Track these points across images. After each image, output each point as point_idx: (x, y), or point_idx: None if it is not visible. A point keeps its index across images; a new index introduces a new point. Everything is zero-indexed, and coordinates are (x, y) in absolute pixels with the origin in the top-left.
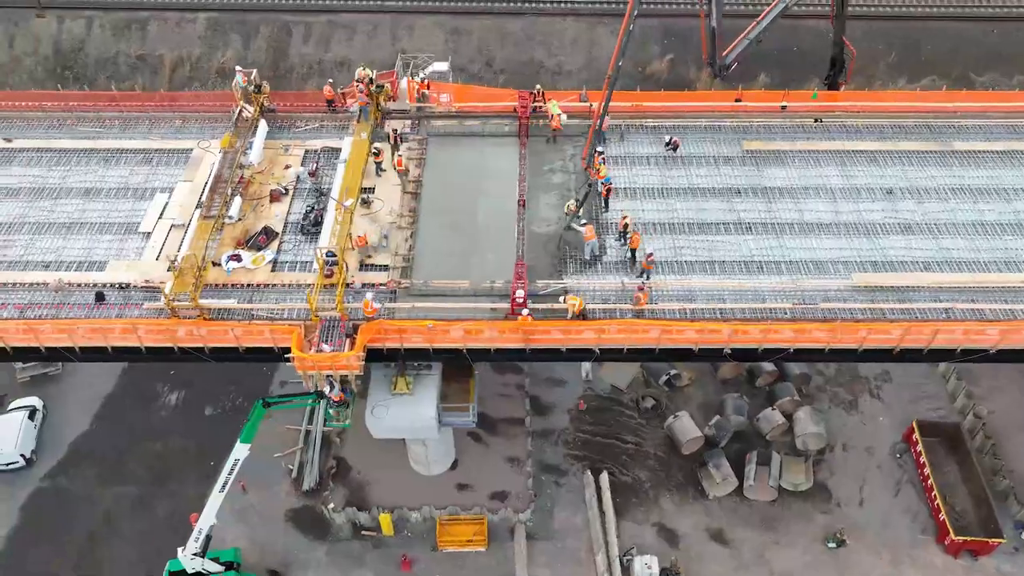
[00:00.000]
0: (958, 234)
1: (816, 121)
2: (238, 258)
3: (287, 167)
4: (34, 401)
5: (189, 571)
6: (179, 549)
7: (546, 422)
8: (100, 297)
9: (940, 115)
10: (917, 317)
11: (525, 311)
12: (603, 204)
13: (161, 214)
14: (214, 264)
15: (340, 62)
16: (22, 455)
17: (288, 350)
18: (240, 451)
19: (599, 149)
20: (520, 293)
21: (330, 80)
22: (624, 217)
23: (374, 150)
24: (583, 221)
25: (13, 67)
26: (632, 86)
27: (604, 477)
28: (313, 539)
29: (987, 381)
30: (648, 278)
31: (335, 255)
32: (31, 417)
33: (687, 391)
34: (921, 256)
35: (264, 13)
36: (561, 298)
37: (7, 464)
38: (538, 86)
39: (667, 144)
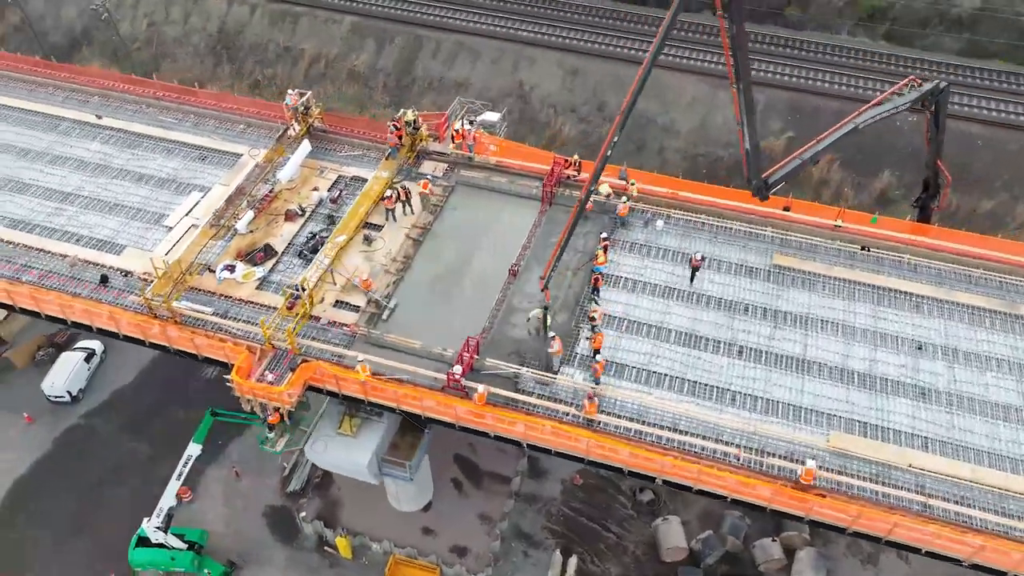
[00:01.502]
0: (981, 415)
1: (863, 249)
2: (232, 269)
3: (315, 189)
4: (96, 345)
5: (153, 541)
6: (144, 519)
7: (537, 486)
8: (104, 280)
9: (1021, 270)
10: (888, 502)
11: (480, 388)
12: (591, 291)
13: (188, 212)
14: (210, 270)
15: (459, 83)
16: (68, 392)
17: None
18: (193, 449)
19: (603, 235)
20: (457, 369)
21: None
22: (594, 309)
23: (385, 194)
24: (552, 335)
25: (183, 40)
26: (737, 155)
27: (572, 561)
28: (279, 540)
29: None
30: (597, 383)
31: (304, 290)
32: (88, 360)
33: (692, 495)
34: (925, 431)
35: (402, 24)
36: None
37: (55, 397)
38: (576, 156)
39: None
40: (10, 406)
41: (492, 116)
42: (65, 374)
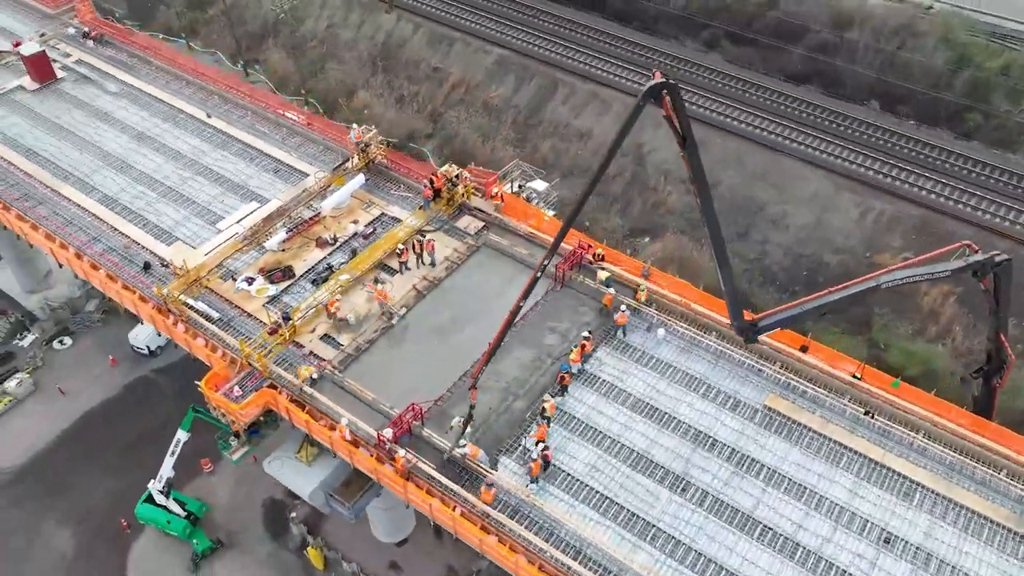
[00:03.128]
0: None
1: (867, 414)
2: (251, 281)
3: (354, 222)
4: None
5: (157, 501)
6: (151, 481)
7: None
8: (147, 266)
9: None
10: None
11: (400, 452)
12: (558, 390)
13: (239, 220)
14: (233, 279)
15: (582, 133)
16: (147, 346)
17: None
18: (181, 434)
19: (584, 334)
20: (388, 432)
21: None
22: (546, 400)
23: (398, 249)
24: (464, 443)
25: (351, 45)
26: (852, 266)
27: None
28: (268, 534)
29: None
30: (535, 482)
31: (289, 319)
32: None
33: None
34: None
35: (543, 64)
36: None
37: (137, 348)
38: (600, 250)
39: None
40: (103, 346)
41: (540, 185)
42: (148, 329)
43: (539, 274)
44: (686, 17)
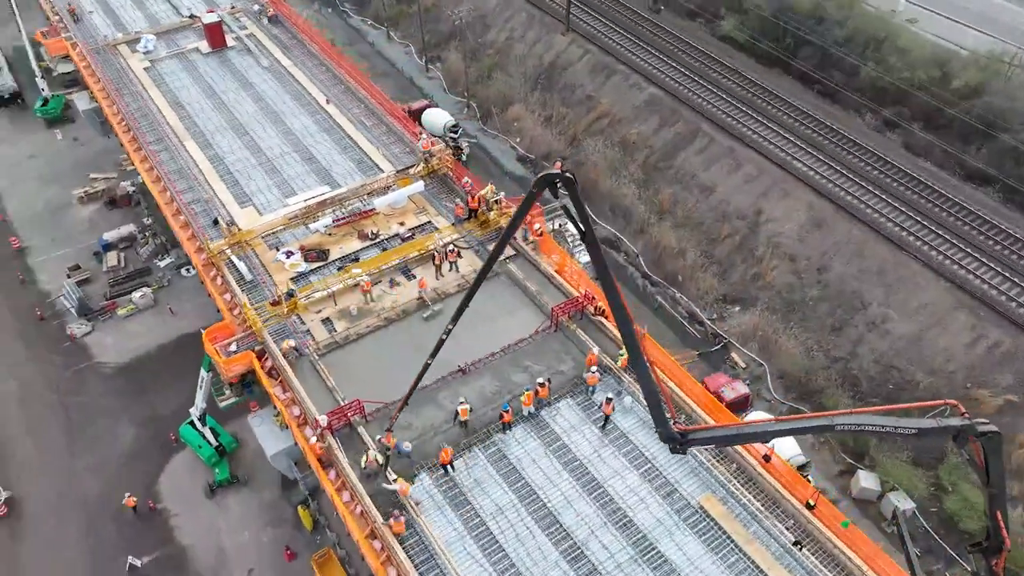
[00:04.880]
0: None
1: (795, 544)
2: (289, 255)
3: (401, 223)
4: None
5: (196, 426)
6: (192, 407)
7: None
8: (215, 222)
9: None
10: None
11: (318, 444)
12: (501, 427)
13: (306, 200)
14: (277, 248)
15: (705, 187)
16: None
17: None
18: (203, 373)
19: (540, 380)
20: (323, 418)
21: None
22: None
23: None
24: (394, 478)
25: (521, 60)
26: (945, 393)
27: None
28: (279, 484)
29: None
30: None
31: (293, 294)
32: None
33: None
34: None
35: (690, 111)
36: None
37: None
38: (602, 304)
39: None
40: None
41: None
42: None
43: (445, 336)
44: (873, 91)
